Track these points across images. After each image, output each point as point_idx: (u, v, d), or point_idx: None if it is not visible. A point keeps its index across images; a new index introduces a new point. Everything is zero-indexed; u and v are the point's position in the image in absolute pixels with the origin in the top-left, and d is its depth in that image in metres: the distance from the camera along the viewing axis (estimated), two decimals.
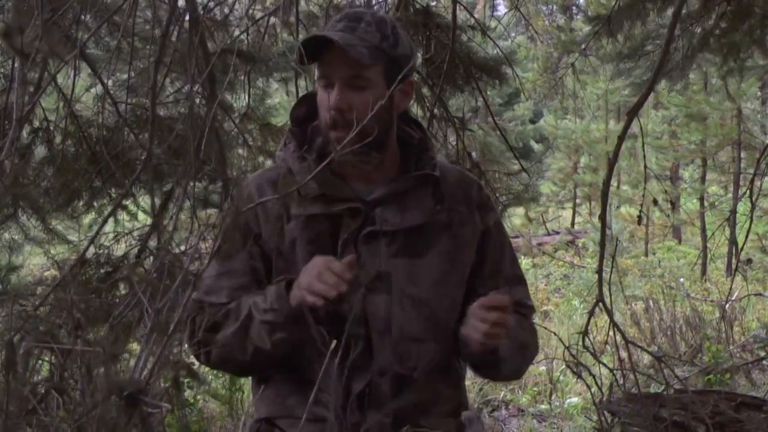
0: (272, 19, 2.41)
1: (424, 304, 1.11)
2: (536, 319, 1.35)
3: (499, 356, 1.10)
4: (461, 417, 1.19)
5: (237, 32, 2.26)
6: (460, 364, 1.18)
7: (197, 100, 1.92)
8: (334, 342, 0.99)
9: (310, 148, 1.12)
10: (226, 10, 2.33)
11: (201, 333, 1.08)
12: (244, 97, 2.37)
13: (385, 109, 1.07)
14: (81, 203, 2.16)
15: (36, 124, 1.99)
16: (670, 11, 2.63)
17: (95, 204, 2.19)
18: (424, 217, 1.12)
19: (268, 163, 2.44)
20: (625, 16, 2.70)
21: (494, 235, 1.19)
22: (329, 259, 1.02)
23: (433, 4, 2.77)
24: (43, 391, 1.05)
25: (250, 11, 2.35)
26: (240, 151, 2.37)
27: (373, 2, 2.68)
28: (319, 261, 1.03)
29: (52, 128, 2.01)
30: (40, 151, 2.08)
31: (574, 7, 11.92)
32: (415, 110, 2.47)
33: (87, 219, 2.29)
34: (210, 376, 3.12)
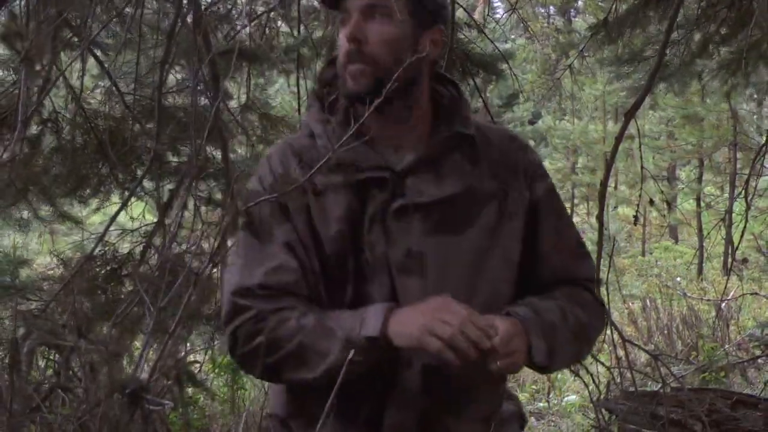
0: (272, 15, 2.42)
1: (462, 288, 0.96)
2: None
3: (539, 364, 0.97)
4: (498, 415, 1.04)
5: (239, 28, 2.27)
6: None
7: (200, 96, 1.94)
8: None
9: (334, 110, 1.00)
10: (229, 5, 2.34)
11: (248, 347, 0.94)
12: (244, 90, 2.38)
13: (408, 50, 0.95)
14: (88, 190, 2.19)
15: (45, 115, 2.02)
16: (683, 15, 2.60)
17: (102, 189, 2.21)
18: (462, 185, 0.98)
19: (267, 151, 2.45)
20: (625, 22, 2.69)
21: (547, 205, 1.04)
22: (469, 311, 0.89)
23: None
24: (47, 389, 1.06)
25: (251, 7, 2.35)
26: (240, 138, 2.38)
27: None
28: (451, 305, 0.89)
29: (60, 119, 2.04)
30: (50, 140, 2.11)
31: (572, 10, 11.95)
32: None
33: (94, 203, 2.32)
34: (211, 374, 3.13)
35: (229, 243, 1.00)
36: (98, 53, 2.20)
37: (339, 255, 0.97)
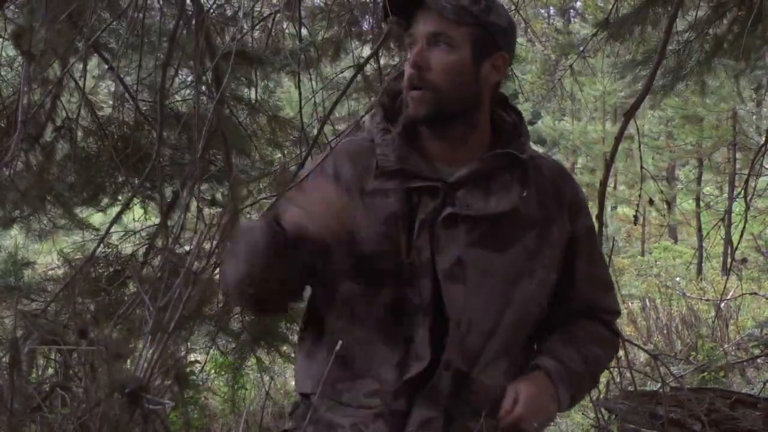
0: (278, 17, 2.41)
1: (496, 300, 1.03)
2: None
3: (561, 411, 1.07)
4: None
5: (242, 31, 2.27)
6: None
7: (204, 99, 1.93)
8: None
9: (397, 121, 1.06)
10: (236, 7, 2.33)
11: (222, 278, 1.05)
12: (252, 92, 2.39)
13: (469, 76, 1.02)
14: (106, 198, 2.21)
15: (58, 122, 2.02)
16: (681, 16, 2.62)
17: (120, 198, 2.22)
18: (509, 204, 1.03)
19: (278, 154, 2.47)
20: (628, 22, 2.69)
21: (584, 242, 1.10)
22: (331, 188, 0.98)
23: None
24: (47, 389, 1.06)
25: (255, 9, 2.35)
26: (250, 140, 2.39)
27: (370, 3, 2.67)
28: (324, 188, 0.97)
29: (74, 126, 2.05)
30: (64, 148, 2.11)
31: (572, 10, 11.96)
32: None
33: (113, 210, 2.33)
34: (212, 373, 3.14)
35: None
36: (107, 56, 2.19)
37: (375, 255, 1.02)
